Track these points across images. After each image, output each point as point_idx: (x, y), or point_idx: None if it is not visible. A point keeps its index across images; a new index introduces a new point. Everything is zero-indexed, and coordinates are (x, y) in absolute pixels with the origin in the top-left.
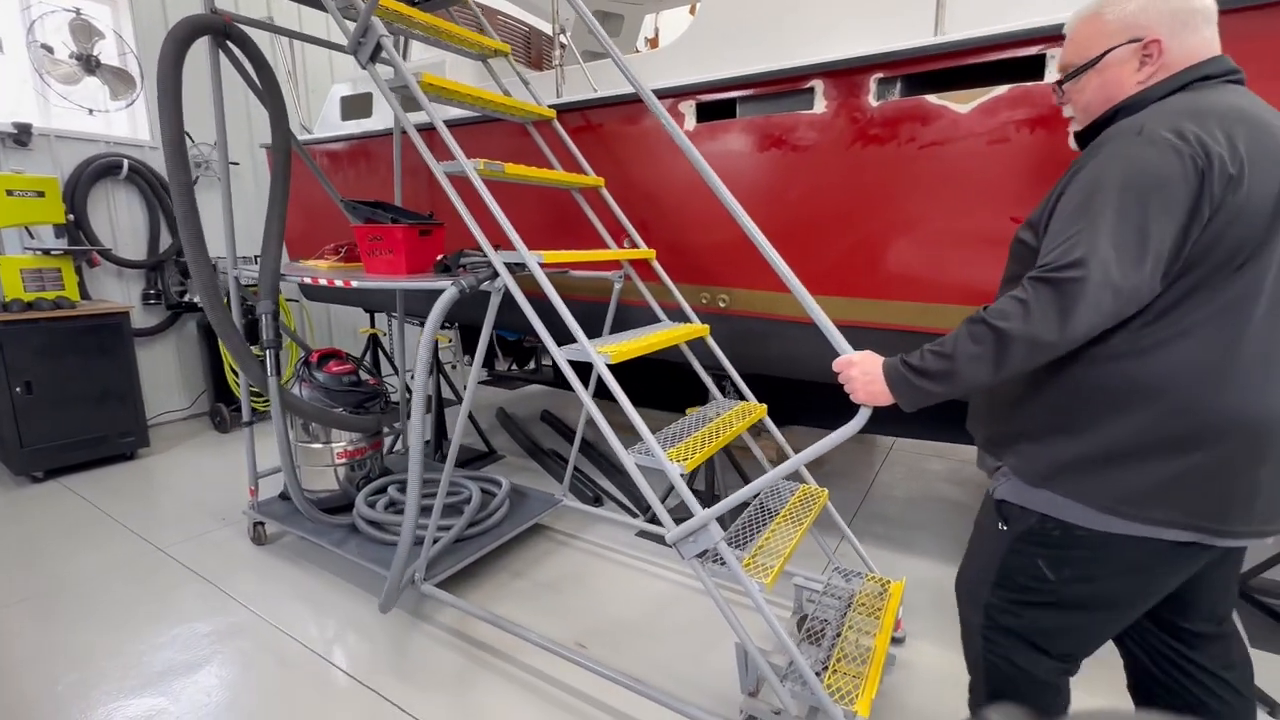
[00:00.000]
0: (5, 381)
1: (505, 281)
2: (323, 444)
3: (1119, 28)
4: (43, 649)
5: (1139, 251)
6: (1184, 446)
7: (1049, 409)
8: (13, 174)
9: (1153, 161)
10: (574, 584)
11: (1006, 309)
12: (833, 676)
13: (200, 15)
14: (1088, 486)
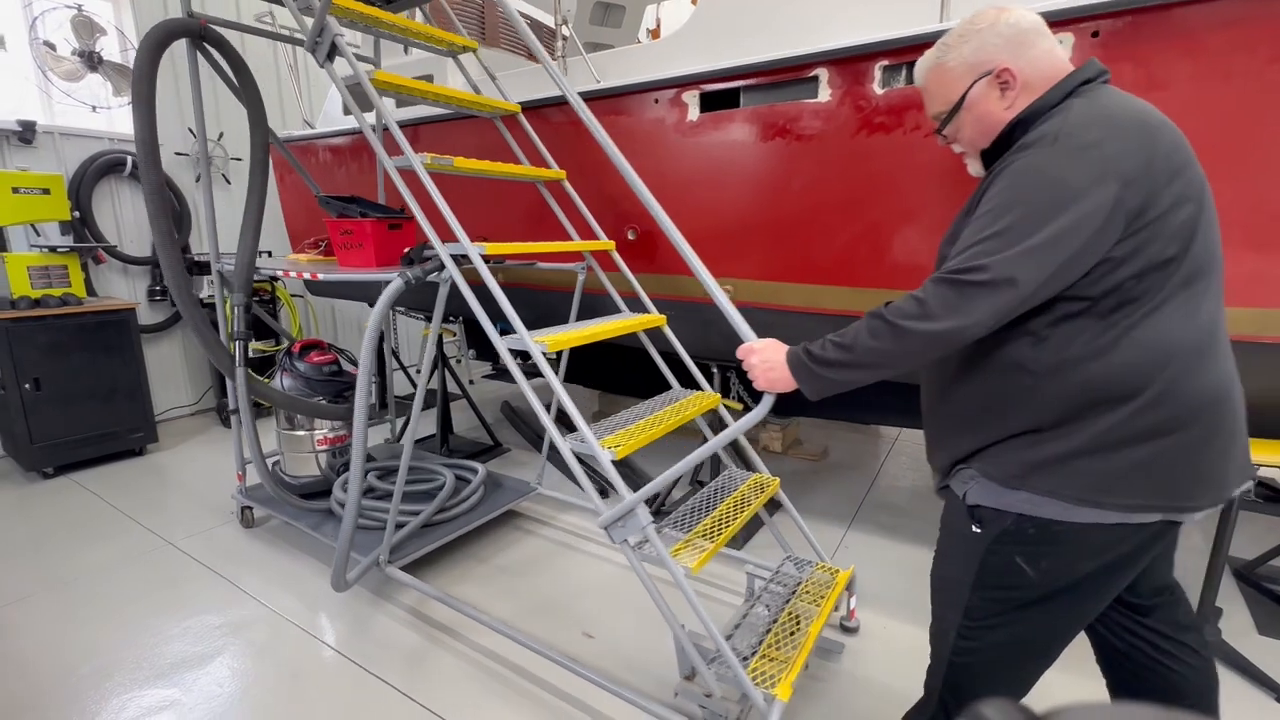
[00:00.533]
0: (14, 378)
1: (451, 272)
2: (305, 431)
3: (964, 70)
4: (57, 642)
5: (1042, 253)
6: (1160, 432)
7: (1016, 415)
8: (18, 172)
9: (1065, 169)
10: (537, 569)
11: (905, 307)
12: (760, 661)
13: (176, 19)
14: (1063, 483)
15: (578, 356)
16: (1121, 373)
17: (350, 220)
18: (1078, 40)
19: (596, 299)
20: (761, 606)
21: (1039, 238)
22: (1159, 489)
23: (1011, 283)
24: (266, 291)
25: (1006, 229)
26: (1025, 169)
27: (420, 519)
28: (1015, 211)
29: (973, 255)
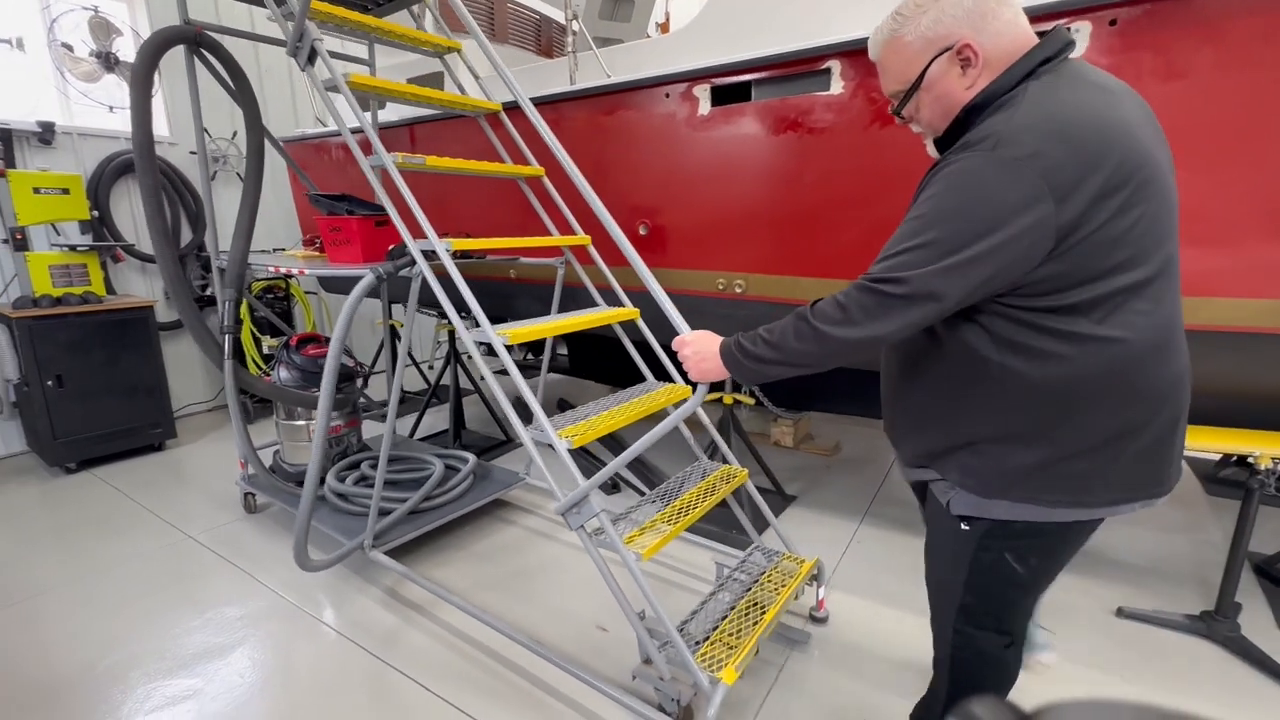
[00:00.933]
0: (38, 375)
1: (421, 267)
2: (302, 421)
3: (923, 45)
4: (81, 633)
5: (964, 269)
6: (1132, 429)
7: (987, 420)
8: (38, 172)
9: (1000, 184)
10: (514, 555)
11: (828, 312)
12: (710, 646)
13: (172, 27)
14: (1043, 489)
15: (588, 351)
16: (1093, 376)
17: (339, 218)
18: (1095, 29)
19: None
20: (725, 593)
21: (964, 255)
22: (1136, 482)
23: (932, 297)
24: (281, 288)
25: (932, 242)
26: (961, 178)
27: (406, 506)
28: (944, 225)
29: (896, 265)
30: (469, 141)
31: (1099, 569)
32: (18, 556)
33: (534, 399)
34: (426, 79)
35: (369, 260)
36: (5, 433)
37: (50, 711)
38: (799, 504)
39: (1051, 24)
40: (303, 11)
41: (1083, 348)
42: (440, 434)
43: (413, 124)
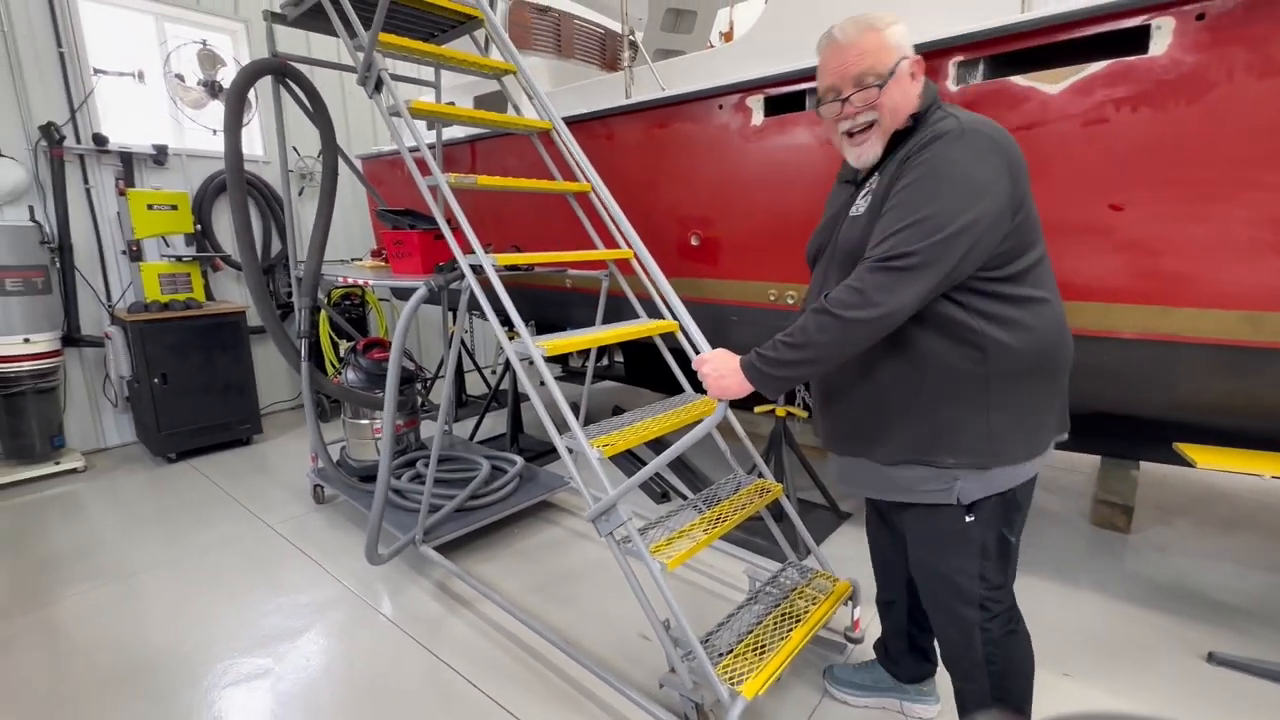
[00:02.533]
0: (146, 373)
1: (469, 281)
2: (366, 420)
3: (895, 45)
4: (173, 610)
5: (959, 236)
6: (1059, 382)
7: (970, 396)
8: (152, 190)
9: (976, 162)
10: (554, 555)
11: (846, 299)
12: (734, 659)
13: (261, 60)
14: (1024, 447)
15: (642, 360)
16: (1044, 337)
17: (401, 231)
18: (1179, 24)
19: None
20: (757, 606)
21: (957, 224)
22: (1060, 425)
23: (938, 263)
24: (357, 295)
25: (927, 217)
26: (941, 161)
27: (454, 503)
28: (934, 203)
29: (900, 242)
30: (526, 155)
31: (1187, 607)
32: (124, 536)
33: (568, 408)
34: (491, 96)
35: (428, 271)
36: (120, 424)
37: (144, 678)
38: (854, 522)
39: (1131, 20)
40: (371, 44)
41: (1036, 311)
42: (499, 437)
43: (474, 141)
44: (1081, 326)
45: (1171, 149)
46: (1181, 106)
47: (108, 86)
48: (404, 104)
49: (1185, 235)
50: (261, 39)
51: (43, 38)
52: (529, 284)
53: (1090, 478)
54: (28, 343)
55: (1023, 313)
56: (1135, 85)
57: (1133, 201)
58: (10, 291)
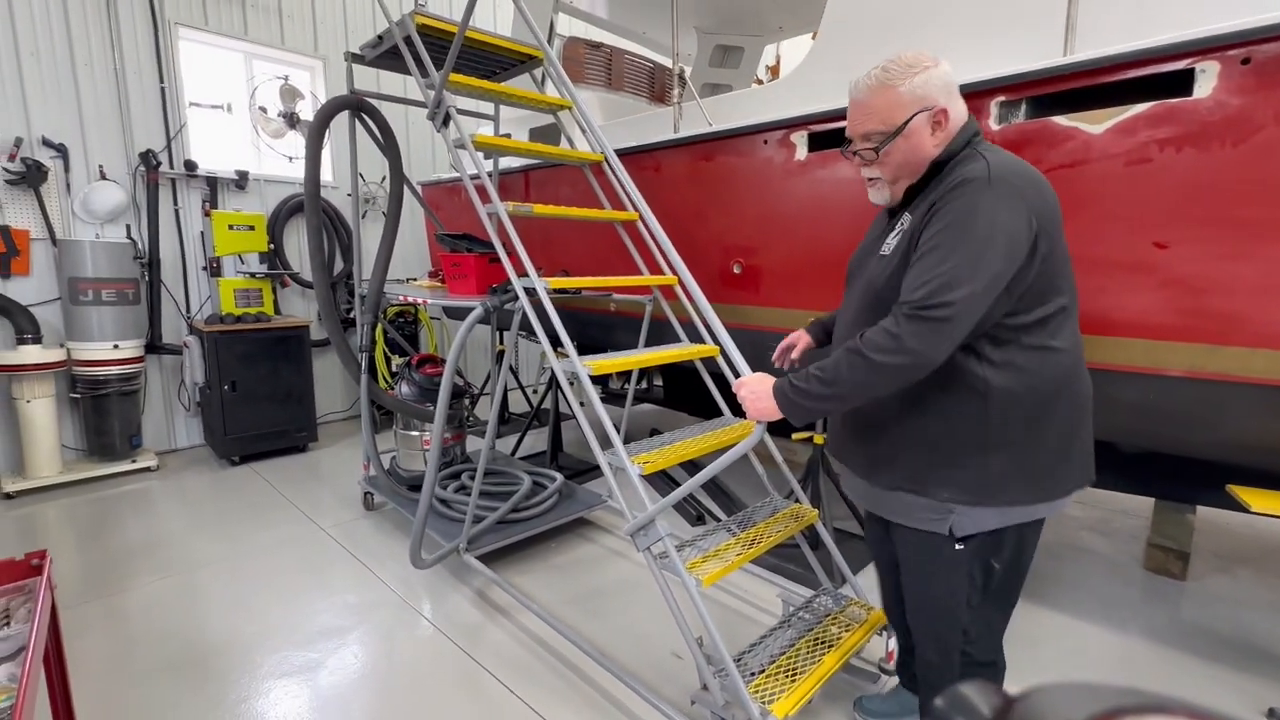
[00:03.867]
0: (218, 380)
1: (523, 302)
2: (416, 432)
3: (912, 99)
4: (232, 603)
5: (991, 287)
6: (1073, 427)
7: (969, 434)
8: (233, 212)
9: (1004, 212)
10: (590, 570)
11: (880, 342)
12: (766, 679)
13: (341, 96)
14: (1023, 490)
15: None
16: (1052, 381)
17: (459, 254)
18: (1224, 68)
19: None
20: (790, 629)
21: (986, 274)
22: (1080, 473)
23: (971, 315)
24: (411, 313)
25: (959, 265)
26: (969, 209)
27: (496, 515)
28: (966, 250)
29: (937, 290)
30: (577, 185)
31: (1247, 660)
32: (189, 533)
33: (612, 426)
34: (546, 129)
35: (482, 292)
36: (189, 427)
37: (204, 665)
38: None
39: (1175, 64)
40: (441, 83)
41: (1044, 358)
42: (539, 454)
43: (529, 170)
44: (1126, 363)
45: (1217, 189)
46: (1227, 148)
47: (198, 117)
48: (469, 137)
49: (1232, 274)
50: (335, 74)
51: (148, 74)
52: (575, 307)
53: (1144, 521)
54: (116, 349)
55: (1028, 358)
56: (1179, 126)
57: (1177, 240)
58: (105, 301)
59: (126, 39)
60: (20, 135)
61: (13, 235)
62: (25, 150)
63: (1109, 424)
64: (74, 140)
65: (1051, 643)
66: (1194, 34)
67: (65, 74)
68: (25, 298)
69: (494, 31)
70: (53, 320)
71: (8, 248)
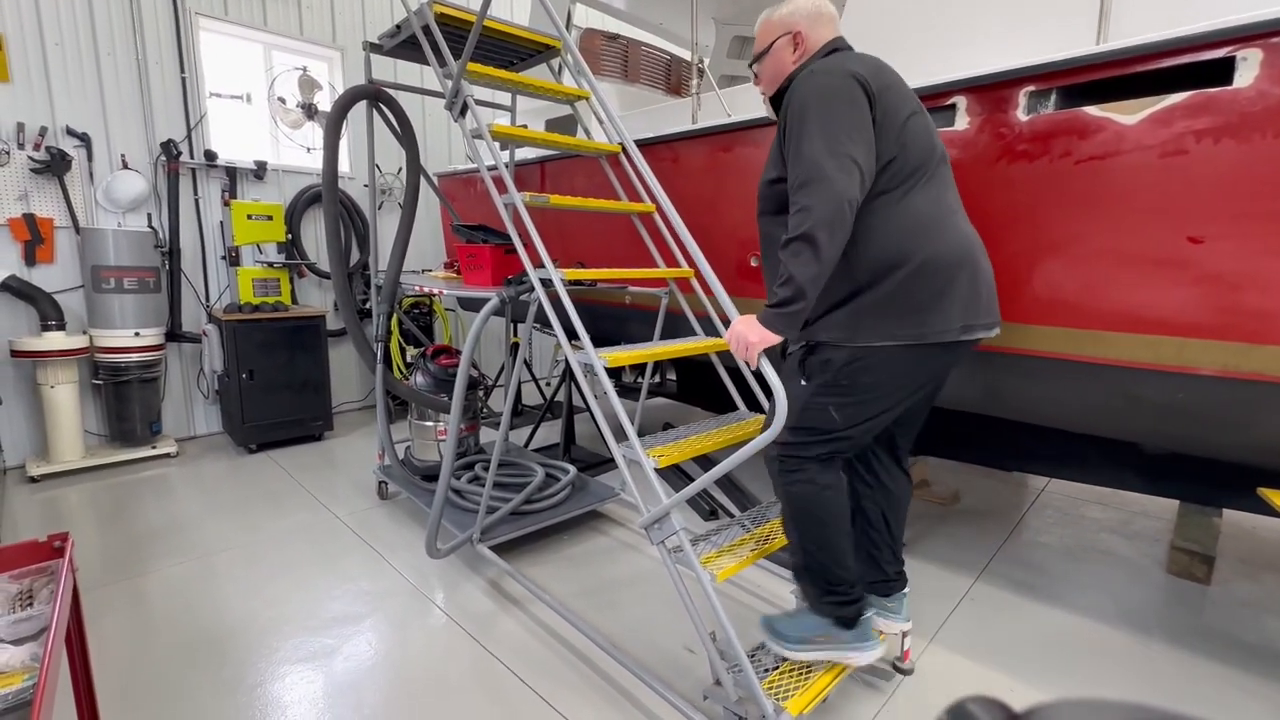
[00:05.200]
0: (237, 369)
1: (539, 294)
2: (431, 422)
3: (780, 25)
4: (249, 588)
5: (847, 138)
6: (924, 279)
7: (843, 283)
8: (252, 202)
9: (825, 83)
10: (602, 562)
11: (799, 220)
12: (780, 675)
13: (359, 86)
14: (890, 322)
15: (694, 378)
16: (898, 241)
17: (475, 245)
18: (1267, 56)
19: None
20: None
21: (830, 126)
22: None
23: (852, 166)
24: (426, 304)
25: (806, 134)
26: (801, 96)
27: (508, 506)
28: (805, 121)
29: (807, 165)
30: (593, 176)
31: (1276, 669)
32: (208, 519)
33: (627, 419)
34: (562, 119)
35: (498, 284)
36: (208, 415)
37: (222, 650)
38: (908, 552)
39: (1215, 51)
40: (459, 74)
41: (875, 217)
42: (552, 446)
43: (544, 161)
44: (1154, 361)
45: (1257, 182)
46: (1269, 139)
47: (217, 107)
48: (486, 128)
49: (1269, 271)
50: (353, 65)
51: (169, 64)
52: (589, 299)
53: (1165, 523)
54: (138, 336)
55: (873, 206)
56: (1218, 117)
57: (1213, 235)
58: (127, 289)
59: (149, 29)
60: (45, 124)
61: (38, 223)
62: (49, 139)
63: (1134, 424)
64: (97, 130)
65: (1071, 646)
66: (1236, 20)
67: (89, 64)
68: (50, 285)
69: (511, 21)
70: (76, 307)
71: (33, 235)
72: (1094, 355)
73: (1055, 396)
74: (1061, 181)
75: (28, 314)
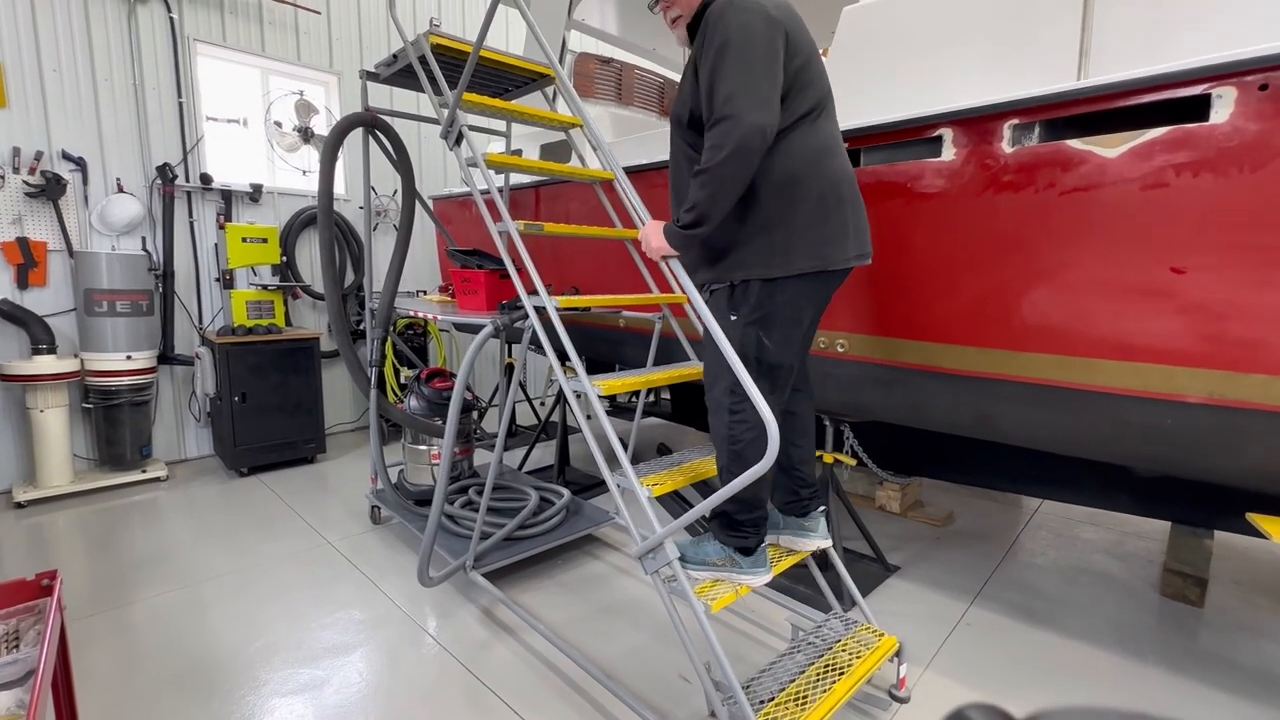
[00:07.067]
0: (229, 391)
1: (533, 321)
2: (424, 446)
3: None
4: (238, 618)
5: (763, 79)
6: (820, 204)
7: (756, 218)
8: (247, 225)
9: (745, 19)
10: (596, 589)
11: (710, 156)
12: (775, 706)
13: (355, 114)
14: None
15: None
16: (799, 168)
17: (469, 270)
18: (1241, 94)
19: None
20: (799, 655)
21: (750, 62)
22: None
23: (749, 93)
24: (420, 325)
25: (726, 73)
26: (723, 26)
27: (502, 532)
28: (726, 56)
29: (722, 101)
30: (587, 200)
31: (1271, 695)
32: (197, 545)
33: (621, 447)
34: (556, 144)
35: (492, 309)
36: (199, 438)
37: (209, 682)
38: (903, 575)
39: (1191, 89)
40: (455, 103)
41: (801, 147)
42: (546, 468)
43: (540, 186)
44: (1142, 388)
45: (1236, 215)
46: (1245, 174)
47: (214, 130)
48: (481, 156)
49: (1252, 301)
50: (350, 89)
51: (167, 90)
52: (584, 322)
53: (1158, 544)
54: (129, 359)
55: (788, 147)
56: (1196, 151)
57: (1195, 265)
58: (119, 313)
59: (147, 55)
60: (41, 149)
61: (31, 247)
62: (45, 163)
63: (1124, 449)
64: (93, 154)
65: (1067, 671)
66: (1210, 59)
67: (86, 89)
68: (42, 308)
69: (506, 50)
70: (67, 330)
71: (26, 259)
72: (1083, 382)
73: (1046, 422)
74: (1047, 212)
75: (18, 337)
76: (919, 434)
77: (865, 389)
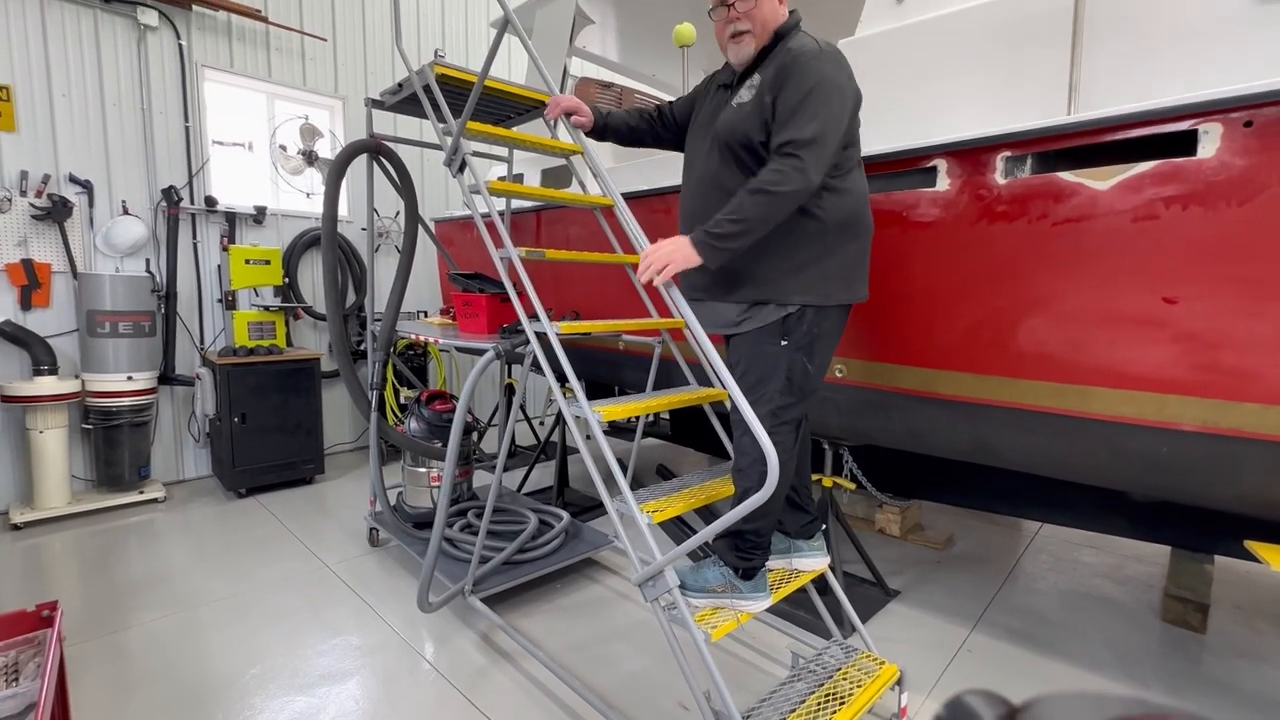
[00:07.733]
0: (229, 412)
1: (534, 346)
2: (424, 469)
3: None
4: (234, 643)
5: (837, 130)
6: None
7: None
8: (250, 247)
9: (839, 77)
10: (596, 614)
11: (774, 178)
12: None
13: (360, 140)
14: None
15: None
16: (855, 209)
17: (471, 294)
18: (1226, 130)
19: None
20: (800, 683)
21: (835, 119)
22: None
23: (831, 147)
24: (420, 346)
25: (815, 114)
26: (818, 73)
27: (501, 556)
28: (825, 108)
29: (811, 131)
30: (588, 225)
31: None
32: (194, 568)
33: (620, 473)
34: (557, 169)
35: (493, 332)
36: (198, 458)
37: (203, 711)
38: (903, 600)
39: (1178, 124)
40: (459, 131)
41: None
42: (545, 490)
43: (541, 210)
44: (1136, 416)
45: (1224, 247)
46: (1232, 207)
47: (219, 153)
48: (484, 183)
49: (1243, 331)
50: (354, 113)
51: (174, 114)
52: (584, 345)
53: (1159, 568)
54: (130, 380)
55: (846, 183)
56: (1184, 185)
57: (1186, 296)
58: (122, 334)
59: (155, 81)
60: (48, 172)
61: (35, 268)
62: (52, 186)
63: (1121, 475)
64: (99, 177)
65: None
66: (1196, 97)
67: (95, 114)
68: (44, 329)
69: (509, 79)
70: (69, 351)
71: (30, 280)
72: (1079, 409)
73: (1042, 447)
74: (1040, 241)
75: (20, 358)
76: (918, 457)
77: (864, 413)
